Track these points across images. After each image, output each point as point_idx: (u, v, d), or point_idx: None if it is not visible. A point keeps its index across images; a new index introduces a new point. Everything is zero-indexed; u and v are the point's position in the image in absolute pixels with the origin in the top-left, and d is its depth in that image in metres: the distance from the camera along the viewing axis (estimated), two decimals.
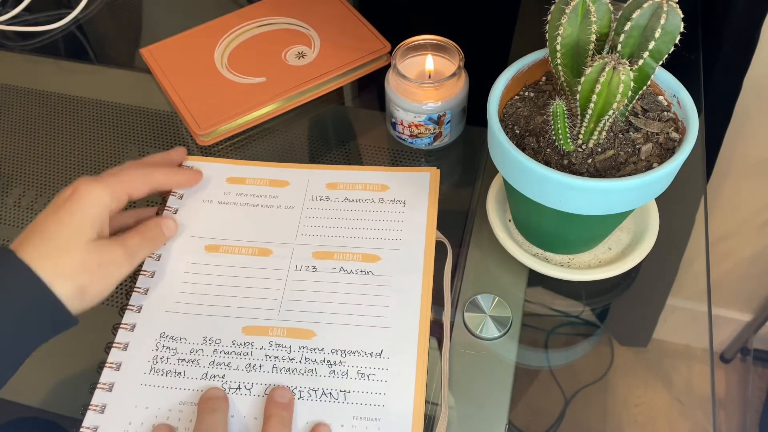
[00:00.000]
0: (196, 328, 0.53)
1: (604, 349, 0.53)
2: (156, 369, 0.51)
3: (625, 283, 0.56)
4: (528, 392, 0.51)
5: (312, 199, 0.60)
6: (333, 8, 0.75)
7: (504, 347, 0.52)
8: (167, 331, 0.53)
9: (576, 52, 0.47)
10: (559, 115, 0.45)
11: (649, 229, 0.55)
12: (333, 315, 0.53)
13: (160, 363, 0.51)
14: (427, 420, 0.49)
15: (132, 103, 0.70)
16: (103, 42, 0.78)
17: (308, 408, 0.49)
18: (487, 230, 0.57)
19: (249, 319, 0.53)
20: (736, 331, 1.15)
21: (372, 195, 0.60)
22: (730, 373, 1.16)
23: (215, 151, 0.65)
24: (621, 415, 0.50)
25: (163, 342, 0.52)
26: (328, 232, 0.58)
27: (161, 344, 0.52)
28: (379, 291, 0.54)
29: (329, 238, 0.57)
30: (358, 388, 0.49)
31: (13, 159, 0.66)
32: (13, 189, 0.64)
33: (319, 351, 0.51)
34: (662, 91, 0.51)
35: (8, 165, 0.66)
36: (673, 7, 0.43)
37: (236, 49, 0.71)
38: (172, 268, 0.56)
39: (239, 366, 0.51)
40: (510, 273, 0.56)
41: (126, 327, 0.53)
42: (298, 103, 0.69)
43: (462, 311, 0.54)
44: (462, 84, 0.61)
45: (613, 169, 0.48)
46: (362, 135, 0.67)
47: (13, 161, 0.66)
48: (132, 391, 0.50)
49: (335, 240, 0.57)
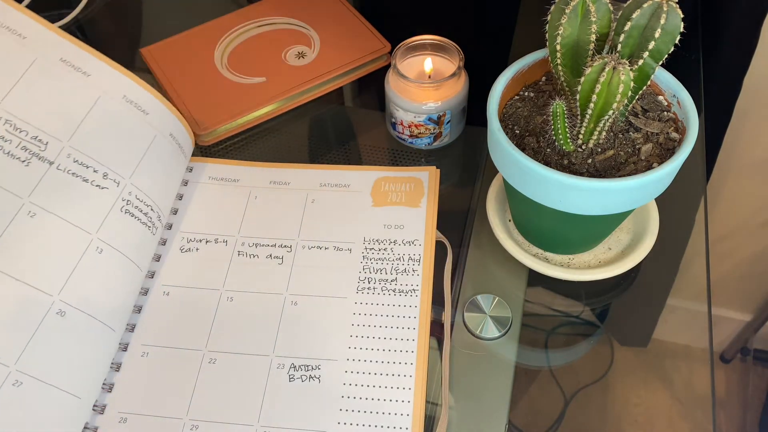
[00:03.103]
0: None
1: (604, 349, 0.53)
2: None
3: (625, 283, 0.56)
4: (528, 392, 0.51)
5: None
6: (333, 8, 0.75)
7: (504, 347, 0.52)
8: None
9: (576, 52, 0.47)
10: (559, 115, 0.45)
11: (649, 229, 0.55)
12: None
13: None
14: (427, 420, 0.49)
15: None
16: (103, 42, 0.78)
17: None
18: (487, 230, 0.57)
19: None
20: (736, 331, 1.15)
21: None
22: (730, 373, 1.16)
23: (215, 151, 0.65)
24: (621, 415, 0.50)
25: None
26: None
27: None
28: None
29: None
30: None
31: None
32: None
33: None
34: (662, 91, 0.51)
35: None
36: (673, 7, 0.43)
37: (236, 49, 0.71)
38: (171, 269, 0.56)
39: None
40: (510, 273, 0.56)
41: (127, 327, 0.53)
42: (298, 103, 0.69)
43: (462, 311, 0.54)
44: (462, 84, 0.61)
45: (613, 169, 0.48)
46: (362, 135, 0.67)
47: None
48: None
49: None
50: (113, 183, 0.47)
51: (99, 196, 0.47)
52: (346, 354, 0.51)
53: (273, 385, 0.50)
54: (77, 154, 0.45)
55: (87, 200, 0.46)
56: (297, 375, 0.50)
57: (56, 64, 0.46)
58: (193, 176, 0.62)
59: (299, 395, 0.49)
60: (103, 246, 0.48)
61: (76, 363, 0.46)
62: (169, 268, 0.56)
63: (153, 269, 0.56)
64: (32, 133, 0.44)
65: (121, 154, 0.49)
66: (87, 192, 0.46)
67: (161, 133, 0.50)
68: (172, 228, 0.59)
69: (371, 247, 0.57)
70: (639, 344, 0.54)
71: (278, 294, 0.55)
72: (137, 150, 0.49)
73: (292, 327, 0.53)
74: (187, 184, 0.61)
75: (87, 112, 0.46)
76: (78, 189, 0.45)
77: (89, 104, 0.47)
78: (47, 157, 0.44)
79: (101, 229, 0.46)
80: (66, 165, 0.45)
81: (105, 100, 0.46)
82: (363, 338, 0.52)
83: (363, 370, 0.50)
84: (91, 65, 0.48)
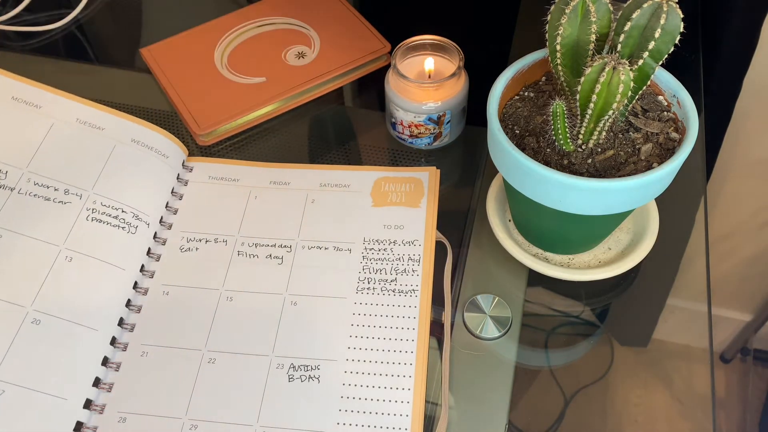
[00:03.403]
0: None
1: (604, 349, 0.53)
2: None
3: (625, 283, 0.56)
4: (528, 392, 0.51)
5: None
6: (333, 8, 0.75)
7: (504, 347, 0.52)
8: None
9: (576, 52, 0.47)
10: (559, 115, 0.45)
11: (649, 229, 0.55)
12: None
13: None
14: (427, 420, 0.49)
15: (132, 103, 0.70)
16: (103, 42, 0.78)
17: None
18: (487, 230, 0.57)
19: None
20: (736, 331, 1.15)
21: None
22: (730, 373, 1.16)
23: (215, 151, 0.65)
24: (621, 415, 0.50)
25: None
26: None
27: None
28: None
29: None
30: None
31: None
32: None
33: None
34: (662, 91, 0.51)
35: None
36: (673, 7, 0.43)
37: (236, 49, 0.71)
38: (171, 269, 0.56)
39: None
40: (510, 273, 0.56)
41: (126, 327, 0.53)
42: (298, 103, 0.69)
43: (462, 311, 0.54)
44: (462, 84, 0.61)
45: (613, 169, 0.48)
46: (362, 135, 0.67)
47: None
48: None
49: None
50: (76, 197, 0.52)
51: (62, 211, 0.51)
52: (346, 354, 0.51)
53: (272, 384, 0.50)
54: (37, 177, 0.50)
55: (50, 216, 0.50)
56: (296, 375, 0.50)
57: (8, 102, 0.52)
58: (193, 176, 0.62)
59: (298, 395, 0.49)
60: (72, 254, 0.51)
61: (56, 366, 0.47)
62: (168, 268, 0.56)
63: (153, 269, 0.56)
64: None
65: (80, 170, 0.53)
66: (50, 209, 0.51)
67: (120, 142, 0.55)
68: (172, 228, 0.59)
69: (371, 247, 0.57)
70: (639, 344, 0.54)
71: (278, 294, 0.55)
72: (97, 162, 0.54)
73: (291, 327, 0.53)
74: (187, 184, 0.61)
75: (42, 139, 0.52)
76: (41, 208, 0.50)
77: (44, 132, 0.53)
78: (8, 184, 0.49)
79: (68, 239, 0.50)
80: (27, 188, 0.50)
81: (58, 125, 0.52)
82: (362, 338, 0.52)
83: (362, 371, 0.50)
84: (42, 98, 0.55)
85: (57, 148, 0.52)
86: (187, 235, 0.58)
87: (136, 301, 0.54)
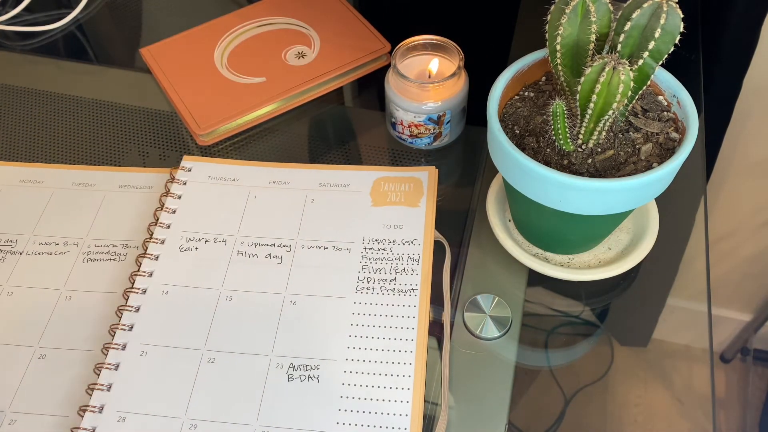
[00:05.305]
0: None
1: (604, 349, 0.53)
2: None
3: (625, 283, 0.56)
4: (528, 392, 0.51)
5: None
6: (333, 8, 0.75)
7: (504, 347, 0.52)
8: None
9: (576, 52, 0.47)
10: (559, 115, 0.45)
11: (649, 229, 0.55)
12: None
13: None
14: (427, 420, 0.49)
15: (132, 103, 0.70)
16: (103, 42, 0.78)
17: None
18: (487, 230, 0.57)
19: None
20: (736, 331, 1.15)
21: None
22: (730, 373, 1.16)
23: (215, 151, 0.65)
24: (621, 415, 0.50)
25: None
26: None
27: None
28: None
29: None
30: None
31: (13, 159, 0.66)
32: None
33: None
34: (662, 91, 0.51)
35: None
36: (673, 7, 0.43)
37: (236, 49, 0.71)
38: (170, 269, 0.56)
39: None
40: (510, 273, 0.56)
41: (125, 327, 0.53)
42: (298, 103, 0.69)
43: (462, 311, 0.54)
44: (462, 84, 0.61)
45: (613, 169, 0.48)
46: (362, 135, 0.67)
47: (13, 161, 0.66)
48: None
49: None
50: (74, 246, 0.59)
51: (62, 260, 0.58)
52: (345, 354, 0.51)
53: (272, 384, 0.50)
54: (40, 238, 0.59)
55: (52, 267, 0.58)
56: (296, 375, 0.50)
57: (17, 185, 0.63)
58: (192, 176, 0.62)
59: (298, 395, 0.49)
60: (71, 294, 0.56)
61: (59, 389, 0.51)
62: (168, 268, 0.56)
63: (152, 268, 0.56)
64: (4, 238, 0.60)
65: (75, 224, 0.60)
66: (51, 261, 0.58)
67: (109, 191, 0.62)
68: (171, 227, 0.58)
69: (370, 246, 0.57)
70: (639, 344, 0.54)
71: (277, 293, 0.55)
72: (90, 214, 0.61)
73: (291, 326, 0.53)
74: (187, 184, 0.61)
75: (44, 207, 0.61)
76: (44, 261, 0.58)
77: (45, 202, 0.62)
78: (17, 250, 0.59)
79: (67, 282, 0.57)
80: (33, 249, 0.59)
81: (57, 193, 0.62)
82: (362, 338, 0.52)
83: (362, 370, 0.50)
84: (43, 174, 0.64)
85: (55, 212, 0.61)
86: (186, 234, 0.58)
87: (137, 301, 0.54)
